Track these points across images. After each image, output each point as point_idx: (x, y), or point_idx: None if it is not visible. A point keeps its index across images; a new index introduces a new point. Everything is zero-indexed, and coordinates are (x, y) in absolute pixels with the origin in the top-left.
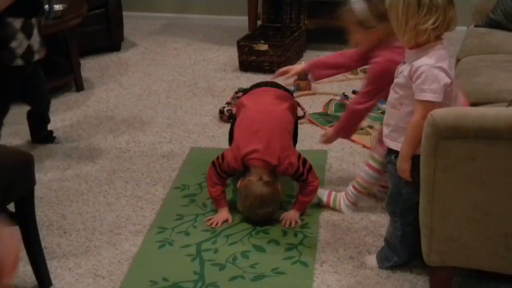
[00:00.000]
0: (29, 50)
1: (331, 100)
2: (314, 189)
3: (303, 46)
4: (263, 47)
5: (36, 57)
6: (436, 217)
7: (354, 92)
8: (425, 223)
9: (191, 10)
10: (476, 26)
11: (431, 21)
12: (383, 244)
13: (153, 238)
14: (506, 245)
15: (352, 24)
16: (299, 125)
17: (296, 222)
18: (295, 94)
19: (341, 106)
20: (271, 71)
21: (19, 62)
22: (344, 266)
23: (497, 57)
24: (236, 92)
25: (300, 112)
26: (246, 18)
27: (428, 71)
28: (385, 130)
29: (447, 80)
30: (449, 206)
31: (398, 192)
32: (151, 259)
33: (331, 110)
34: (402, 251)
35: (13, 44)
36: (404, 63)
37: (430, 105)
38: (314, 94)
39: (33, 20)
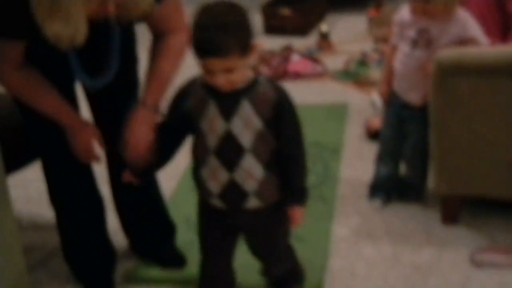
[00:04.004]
0: (233, 189)
1: (351, 58)
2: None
3: (325, 10)
4: (286, 12)
5: (252, 203)
6: (445, 149)
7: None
8: (435, 156)
9: None
10: None
11: None
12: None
13: (187, 181)
14: (509, 173)
15: None
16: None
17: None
18: (317, 54)
19: (361, 63)
20: (294, 33)
21: (215, 202)
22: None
23: None
24: (262, 55)
25: (319, 69)
26: None
27: None
28: (414, 94)
29: None
30: (456, 139)
31: (424, 140)
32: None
33: (351, 67)
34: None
35: (204, 171)
36: None
37: None
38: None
39: (247, 138)
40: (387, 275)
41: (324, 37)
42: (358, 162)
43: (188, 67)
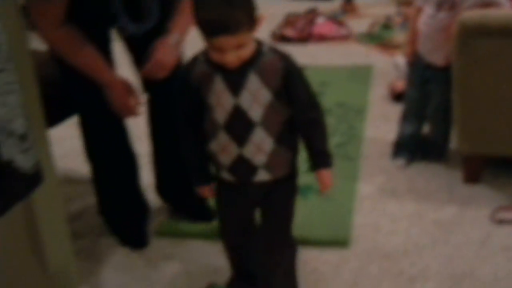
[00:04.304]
0: (243, 163)
1: (375, 21)
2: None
3: None
4: None
5: (261, 176)
6: (467, 109)
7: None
8: (457, 116)
9: None
10: None
11: None
12: None
13: None
14: None
15: None
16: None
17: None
18: (341, 17)
19: (385, 27)
20: None
21: (226, 176)
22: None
23: None
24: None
25: (344, 31)
26: None
27: None
28: (437, 54)
29: None
30: (478, 99)
31: (447, 100)
32: None
33: (375, 30)
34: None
35: (214, 145)
36: None
37: None
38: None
39: (256, 112)
40: (410, 231)
41: (349, 0)
42: (382, 123)
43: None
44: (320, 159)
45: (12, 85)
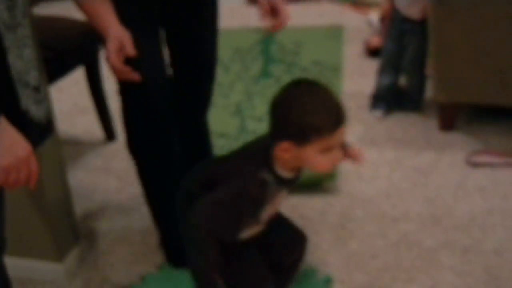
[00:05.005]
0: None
1: None
2: None
3: None
4: None
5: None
6: (443, 60)
7: None
8: (434, 66)
9: None
10: None
11: None
12: None
13: None
14: (502, 80)
15: None
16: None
17: None
18: None
19: None
20: None
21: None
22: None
23: None
24: None
25: None
26: None
27: None
28: (414, 8)
29: None
30: (453, 50)
31: (423, 51)
32: None
33: None
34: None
35: (244, 234)
36: None
37: None
38: None
39: None
40: (391, 176)
41: None
42: (359, 78)
43: None
44: None
45: (27, 39)
